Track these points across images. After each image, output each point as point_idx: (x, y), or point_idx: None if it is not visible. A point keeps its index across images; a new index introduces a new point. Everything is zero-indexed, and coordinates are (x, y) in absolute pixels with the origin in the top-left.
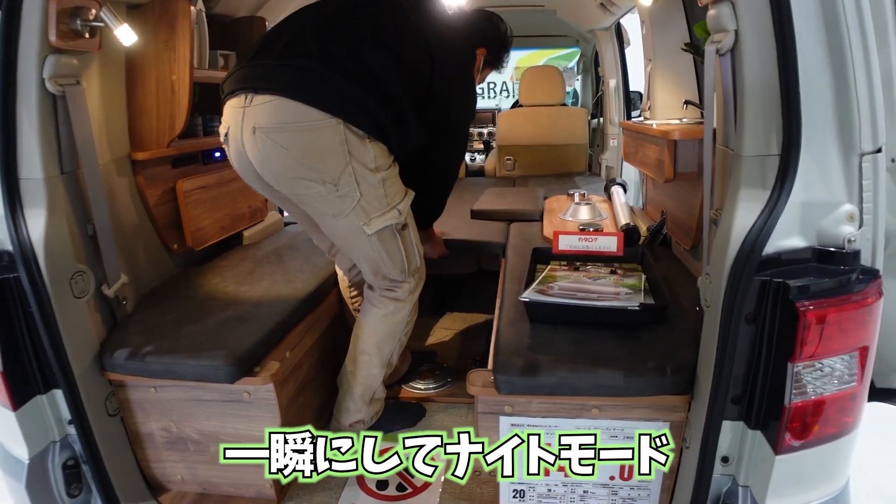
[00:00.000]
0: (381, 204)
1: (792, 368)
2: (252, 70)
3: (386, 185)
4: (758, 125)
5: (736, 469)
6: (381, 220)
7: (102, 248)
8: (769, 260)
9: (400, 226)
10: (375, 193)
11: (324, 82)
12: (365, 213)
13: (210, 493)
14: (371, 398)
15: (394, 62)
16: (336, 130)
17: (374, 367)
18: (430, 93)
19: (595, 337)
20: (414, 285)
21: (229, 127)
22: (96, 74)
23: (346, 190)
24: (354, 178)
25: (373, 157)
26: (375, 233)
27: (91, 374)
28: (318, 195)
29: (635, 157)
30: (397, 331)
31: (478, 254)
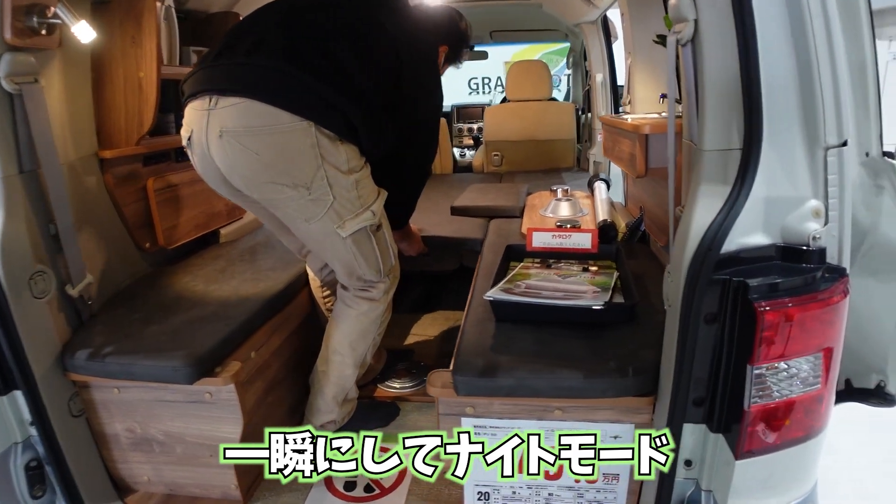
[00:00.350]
0: (354, 206)
1: (751, 371)
2: (215, 71)
3: (359, 186)
4: (718, 118)
5: (699, 473)
6: (356, 223)
7: (65, 248)
8: (730, 258)
9: (374, 227)
10: (348, 196)
11: (293, 83)
12: (338, 216)
13: (177, 494)
14: (343, 399)
15: (363, 60)
16: (307, 133)
17: (347, 368)
18: (398, 91)
19: (559, 337)
20: (389, 285)
21: (192, 131)
22: (58, 72)
23: (319, 193)
24: (327, 181)
25: (345, 158)
26: (350, 235)
27: (52, 374)
28: (290, 199)
29: (612, 152)
30: (371, 330)
31: (459, 251)
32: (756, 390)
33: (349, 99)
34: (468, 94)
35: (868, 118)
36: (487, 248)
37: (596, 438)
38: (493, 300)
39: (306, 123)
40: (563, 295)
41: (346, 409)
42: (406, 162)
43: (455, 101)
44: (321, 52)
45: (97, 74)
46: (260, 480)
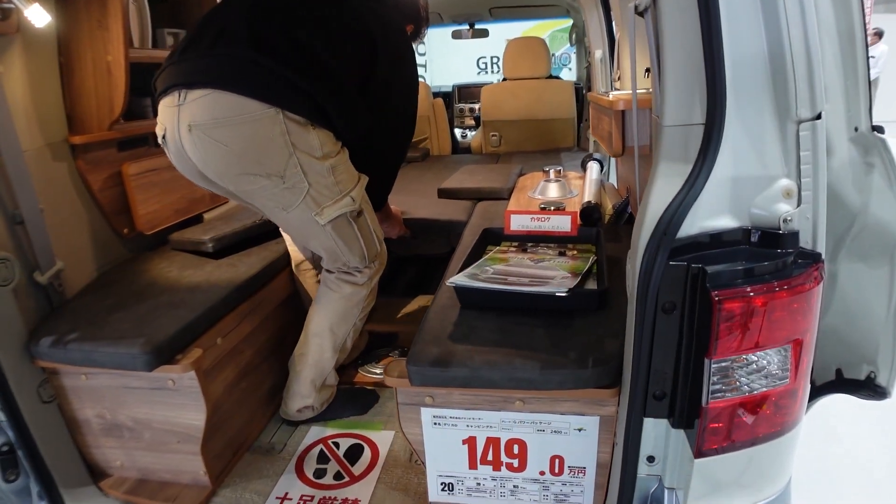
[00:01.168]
0: (332, 192)
1: (709, 364)
2: (182, 65)
3: (336, 172)
4: (679, 91)
5: (662, 469)
6: (334, 209)
7: (32, 235)
8: (691, 243)
9: (355, 213)
10: (325, 182)
11: (258, 70)
12: (316, 203)
13: (149, 479)
14: (322, 384)
15: (333, 44)
16: (275, 120)
17: (326, 351)
18: (372, 74)
19: (523, 325)
20: (374, 271)
21: (165, 128)
22: (20, 58)
23: (294, 181)
24: (300, 168)
25: (318, 144)
26: (329, 222)
27: (19, 361)
28: (265, 189)
29: (597, 130)
30: (352, 314)
31: (448, 234)
32: (717, 385)
33: (318, 82)
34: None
35: (857, 90)
36: (468, 231)
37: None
38: (455, 286)
39: (273, 110)
40: (529, 281)
41: (325, 395)
42: (383, 142)
43: (458, 81)
44: (286, 36)
45: (66, 59)
46: (231, 467)
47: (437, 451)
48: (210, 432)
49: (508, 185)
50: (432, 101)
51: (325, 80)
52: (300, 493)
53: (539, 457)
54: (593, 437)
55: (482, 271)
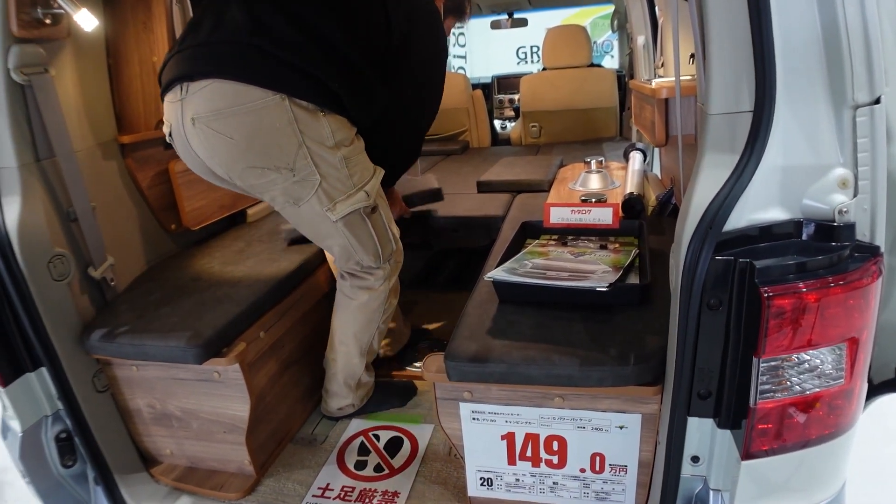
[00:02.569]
0: (345, 186)
1: (757, 363)
2: (181, 55)
3: (349, 163)
4: (725, 77)
5: (707, 470)
6: (347, 205)
7: (85, 232)
8: (739, 236)
9: (369, 209)
10: (338, 175)
11: (259, 55)
12: (328, 197)
13: (197, 467)
14: (357, 383)
15: (343, 21)
16: (281, 108)
17: (354, 357)
18: (388, 44)
19: (562, 320)
20: (389, 271)
21: (171, 125)
22: (71, 61)
23: (304, 174)
24: (311, 159)
25: (329, 132)
26: (341, 218)
27: (75, 353)
28: (274, 183)
29: (639, 119)
30: (374, 320)
31: (488, 228)
32: (766, 385)
33: (326, 65)
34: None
35: None
36: (507, 225)
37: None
38: (493, 281)
39: (279, 97)
40: (569, 275)
41: (362, 392)
42: (400, 116)
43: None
44: (288, 16)
45: (114, 61)
46: (274, 457)
47: (476, 446)
48: (254, 423)
49: (548, 177)
50: (471, 92)
51: (334, 61)
52: (341, 485)
53: (579, 454)
54: (635, 436)
55: (521, 265)
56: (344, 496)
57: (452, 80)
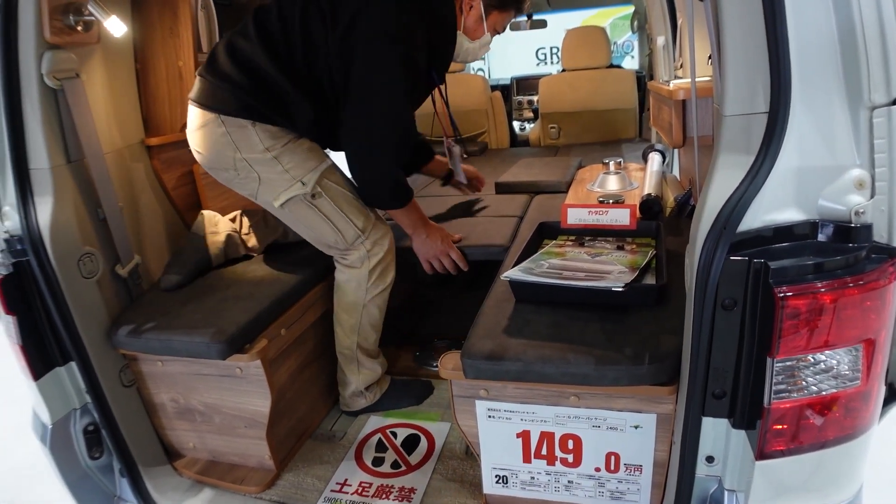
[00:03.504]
0: (283, 179)
1: (772, 363)
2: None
3: (282, 161)
4: (740, 78)
5: (722, 470)
6: (286, 193)
7: (113, 231)
8: (754, 237)
9: (308, 195)
10: (273, 171)
11: (207, 85)
12: (272, 188)
13: (218, 461)
14: (358, 367)
15: (267, 44)
16: (216, 123)
17: (344, 337)
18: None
19: (578, 320)
20: (365, 253)
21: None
22: (100, 66)
23: (245, 173)
24: (247, 163)
25: (258, 140)
26: (282, 205)
27: (103, 348)
28: (230, 181)
29: (657, 121)
30: (358, 299)
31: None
32: (781, 385)
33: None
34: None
35: None
36: (525, 226)
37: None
38: (510, 280)
39: (213, 115)
40: (585, 275)
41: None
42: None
43: (516, 73)
44: (231, 56)
45: (141, 66)
46: (293, 452)
47: (492, 444)
48: (274, 419)
49: (566, 178)
50: (490, 94)
51: (258, 80)
52: (359, 480)
53: (594, 453)
54: (650, 435)
55: (537, 265)
56: (361, 492)
57: (472, 82)
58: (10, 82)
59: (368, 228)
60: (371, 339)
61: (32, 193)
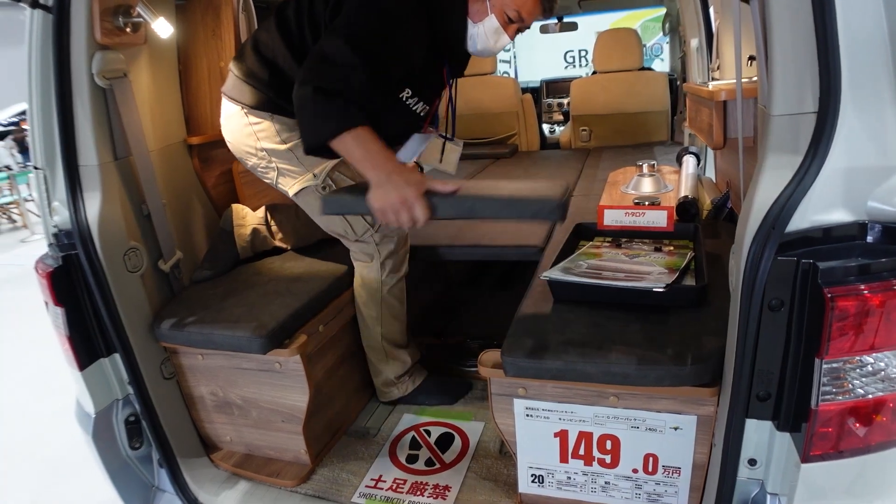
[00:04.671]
0: (298, 169)
1: (820, 365)
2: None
3: (297, 152)
4: (788, 78)
5: (765, 474)
6: (300, 183)
7: (157, 227)
8: (802, 237)
9: (319, 187)
10: (289, 162)
11: (234, 79)
12: (288, 177)
13: (254, 455)
14: (385, 357)
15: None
16: (240, 115)
17: (370, 330)
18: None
19: (617, 320)
20: (374, 246)
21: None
22: (147, 66)
23: (265, 162)
24: (266, 153)
25: (275, 131)
26: (295, 195)
27: (146, 340)
28: (254, 168)
29: (695, 123)
30: (375, 291)
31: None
32: (828, 387)
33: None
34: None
35: None
36: (559, 227)
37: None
38: (549, 280)
39: (238, 107)
40: (625, 276)
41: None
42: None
43: (546, 76)
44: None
45: (184, 67)
46: (329, 448)
47: (529, 443)
48: (311, 414)
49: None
50: (521, 96)
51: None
52: (393, 477)
53: (632, 454)
54: (690, 437)
55: (576, 266)
56: (396, 488)
57: (502, 84)
58: (63, 82)
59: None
60: (395, 329)
61: (81, 189)
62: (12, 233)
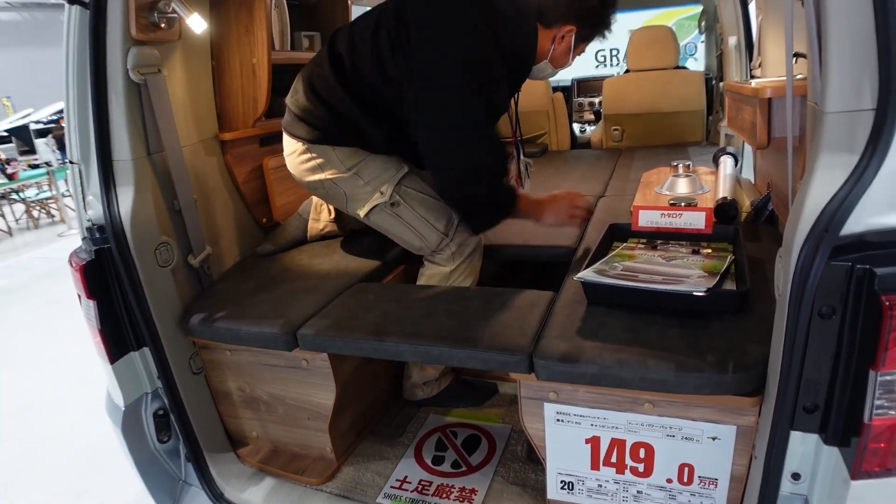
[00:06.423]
0: (365, 192)
1: (875, 377)
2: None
3: (363, 175)
4: (844, 74)
5: (809, 489)
6: (369, 203)
7: (187, 222)
8: (856, 241)
9: (388, 204)
10: (355, 185)
11: (291, 116)
12: (357, 200)
13: (280, 451)
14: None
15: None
16: (302, 150)
17: None
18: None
19: (655, 324)
20: (450, 254)
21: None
22: (180, 62)
23: (333, 191)
24: (332, 182)
25: (338, 161)
26: (366, 215)
27: (175, 335)
28: (325, 197)
29: (735, 122)
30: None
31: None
32: (882, 400)
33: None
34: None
35: None
36: (592, 227)
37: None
38: (583, 281)
39: (299, 143)
40: (662, 279)
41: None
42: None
43: (576, 75)
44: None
45: (217, 63)
46: (354, 447)
47: (559, 449)
48: (337, 412)
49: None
50: (552, 95)
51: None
52: (419, 478)
53: (667, 463)
54: (728, 448)
55: (611, 267)
56: (421, 490)
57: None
58: (98, 77)
59: (451, 231)
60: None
61: (115, 184)
62: (50, 227)
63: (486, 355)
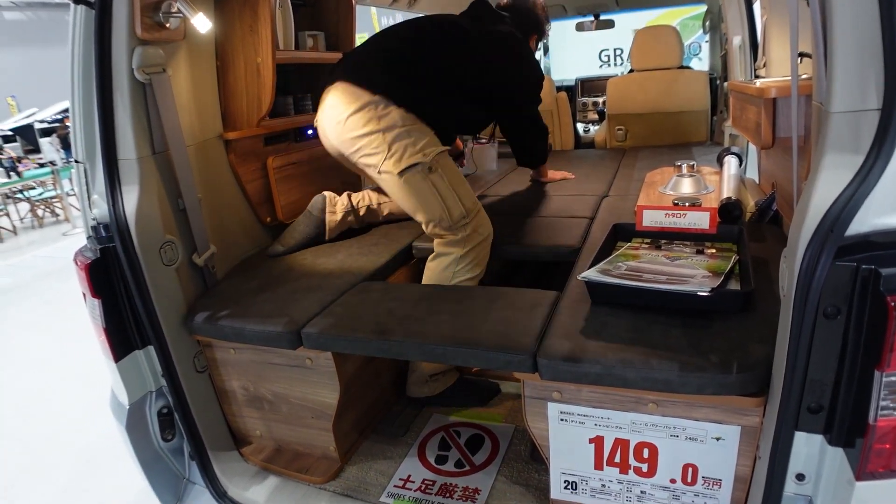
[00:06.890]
0: (410, 150)
1: (880, 377)
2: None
3: (413, 134)
4: (850, 74)
5: (814, 490)
6: (410, 160)
7: (192, 221)
8: (861, 242)
9: (426, 167)
10: (404, 142)
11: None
12: (397, 158)
13: (284, 450)
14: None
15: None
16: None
17: None
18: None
19: (658, 324)
20: (466, 236)
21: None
22: (185, 61)
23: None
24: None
25: (398, 117)
26: (400, 173)
27: (179, 333)
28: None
29: (739, 122)
30: (444, 279)
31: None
32: (887, 401)
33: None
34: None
35: None
36: (596, 227)
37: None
38: (587, 281)
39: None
40: (666, 279)
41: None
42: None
43: (580, 75)
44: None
45: (221, 62)
46: (357, 445)
47: (562, 448)
48: (341, 411)
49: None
50: (556, 95)
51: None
52: (422, 477)
53: (670, 464)
54: (732, 448)
55: (615, 267)
56: (424, 489)
57: None
58: (104, 76)
59: (474, 212)
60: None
61: (120, 183)
62: (55, 226)
63: (489, 354)
